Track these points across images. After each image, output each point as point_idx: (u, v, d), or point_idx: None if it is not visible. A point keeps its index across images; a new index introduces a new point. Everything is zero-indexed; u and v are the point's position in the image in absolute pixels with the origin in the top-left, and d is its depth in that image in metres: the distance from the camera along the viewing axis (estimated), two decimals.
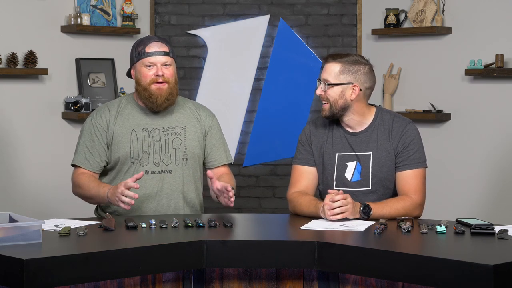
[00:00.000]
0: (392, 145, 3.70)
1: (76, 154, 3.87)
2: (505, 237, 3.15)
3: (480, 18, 5.39)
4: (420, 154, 3.71)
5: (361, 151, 3.71)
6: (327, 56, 3.76)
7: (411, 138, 3.71)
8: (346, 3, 5.80)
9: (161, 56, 3.81)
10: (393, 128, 3.72)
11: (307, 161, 3.80)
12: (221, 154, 3.97)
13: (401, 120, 3.75)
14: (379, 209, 3.55)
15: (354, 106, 3.71)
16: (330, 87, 3.69)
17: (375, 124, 3.74)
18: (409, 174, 3.69)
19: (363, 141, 3.72)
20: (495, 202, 5.33)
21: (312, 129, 3.82)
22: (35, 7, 5.30)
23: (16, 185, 5.25)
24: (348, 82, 3.69)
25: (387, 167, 3.70)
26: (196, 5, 5.81)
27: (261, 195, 5.82)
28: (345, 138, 3.74)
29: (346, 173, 3.72)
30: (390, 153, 3.70)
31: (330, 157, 3.75)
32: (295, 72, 5.81)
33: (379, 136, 3.72)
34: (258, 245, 3.16)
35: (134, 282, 3.06)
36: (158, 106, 3.82)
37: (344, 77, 3.69)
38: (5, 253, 2.81)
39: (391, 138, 3.71)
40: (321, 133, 3.79)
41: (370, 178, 3.70)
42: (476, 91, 5.41)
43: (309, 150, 3.79)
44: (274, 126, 5.81)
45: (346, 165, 3.72)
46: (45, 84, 5.35)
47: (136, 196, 3.55)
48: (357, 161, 3.71)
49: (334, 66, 3.70)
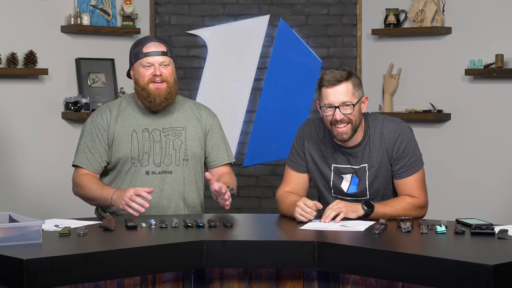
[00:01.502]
0: (387, 154, 3.65)
1: (77, 154, 3.87)
2: (505, 237, 3.15)
3: (480, 18, 5.39)
4: (416, 156, 3.66)
5: (356, 164, 3.67)
6: (332, 81, 3.56)
7: (405, 142, 3.64)
8: (346, 3, 5.80)
9: (158, 56, 3.80)
10: (384, 135, 3.65)
11: (298, 167, 3.78)
12: (222, 154, 3.96)
13: (391, 123, 3.68)
14: (381, 207, 3.54)
15: (362, 120, 3.66)
16: (351, 107, 3.56)
17: (366, 136, 3.66)
18: (410, 180, 3.66)
19: (358, 154, 3.66)
20: (495, 202, 5.33)
21: (306, 133, 3.76)
22: (35, 7, 5.30)
23: (16, 185, 5.25)
24: (361, 96, 3.63)
25: (383, 176, 3.66)
26: (196, 5, 5.81)
27: (261, 195, 5.82)
28: (339, 150, 3.69)
29: (342, 185, 3.69)
30: (386, 163, 3.65)
31: (325, 167, 3.71)
32: (295, 72, 5.81)
33: (372, 147, 3.66)
34: (258, 245, 3.16)
35: (134, 282, 3.06)
36: (156, 105, 3.82)
37: (358, 93, 3.61)
38: (5, 253, 2.81)
39: (385, 146, 3.65)
40: (314, 140, 3.74)
41: (367, 189, 3.67)
42: (476, 91, 5.41)
43: (302, 156, 3.76)
44: (274, 126, 5.81)
45: (342, 177, 3.69)
46: (45, 84, 5.35)
47: (146, 205, 3.55)
48: (353, 174, 3.68)
49: (347, 85, 3.57)
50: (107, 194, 3.68)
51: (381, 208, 3.54)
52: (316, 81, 5.75)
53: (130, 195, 3.56)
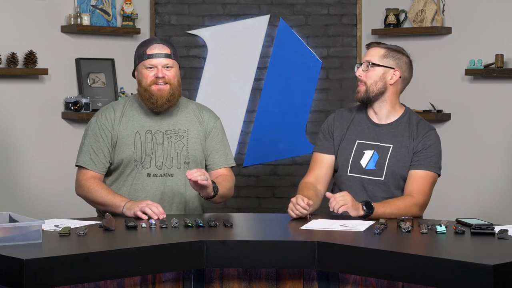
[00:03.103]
0: (413, 143, 3.74)
1: (81, 154, 3.86)
2: (505, 237, 3.15)
3: (480, 18, 5.39)
4: (436, 159, 3.75)
5: (382, 142, 3.76)
6: (371, 42, 3.84)
7: (432, 142, 3.76)
8: (346, 3, 5.80)
9: (162, 58, 3.80)
10: (418, 128, 3.77)
11: (324, 148, 3.84)
12: (220, 158, 3.94)
13: (427, 124, 3.81)
14: (381, 207, 3.55)
15: (389, 93, 3.77)
16: (372, 68, 3.74)
17: (401, 121, 3.79)
18: (420, 174, 3.71)
19: (386, 134, 3.77)
20: (495, 202, 5.33)
21: (337, 116, 3.87)
22: (35, 7, 5.30)
23: (16, 185, 5.25)
24: (390, 66, 3.76)
25: (403, 162, 3.73)
26: (196, 5, 5.81)
27: (261, 195, 5.82)
28: (368, 127, 3.79)
29: (362, 160, 3.76)
30: (410, 150, 3.74)
31: (349, 142, 3.79)
32: (295, 72, 5.82)
33: (403, 132, 3.76)
34: (258, 245, 3.16)
35: (134, 282, 3.06)
36: (158, 107, 3.81)
37: (387, 61, 3.76)
38: (5, 253, 2.81)
39: (413, 136, 3.75)
40: (346, 120, 3.85)
41: (385, 169, 3.72)
42: (476, 91, 5.41)
43: (328, 138, 3.84)
44: (274, 126, 5.81)
45: (364, 152, 3.76)
46: (45, 84, 5.35)
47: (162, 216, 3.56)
48: (375, 151, 3.75)
49: (378, 50, 3.78)
50: (120, 201, 3.68)
51: (381, 208, 3.55)
52: (316, 81, 5.79)
53: (147, 203, 3.60)
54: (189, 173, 3.59)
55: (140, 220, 3.52)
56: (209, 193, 3.70)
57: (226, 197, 3.88)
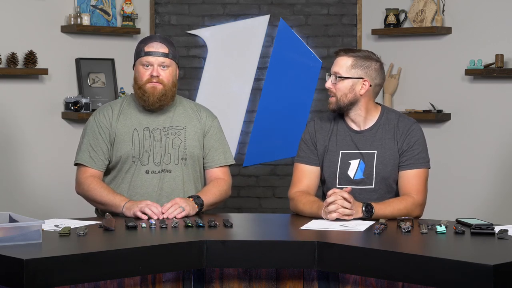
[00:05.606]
0: (397, 144, 3.71)
1: (80, 153, 3.87)
2: (505, 237, 3.15)
3: (480, 18, 5.39)
4: (424, 154, 3.72)
5: (365, 149, 3.71)
6: (339, 50, 3.76)
7: (416, 138, 3.72)
8: (346, 3, 5.80)
9: (158, 57, 3.80)
10: (399, 127, 3.73)
11: (309, 160, 3.79)
12: (219, 156, 3.94)
13: (406, 119, 3.77)
14: (382, 209, 3.54)
15: (362, 102, 3.72)
16: (340, 80, 3.69)
17: (380, 123, 3.74)
18: (412, 173, 3.69)
19: (367, 139, 3.72)
20: (495, 202, 5.33)
21: (317, 126, 3.81)
22: (35, 7, 5.30)
23: (16, 185, 5.25)
24: (359, 77, 3.69)
25: (391, 166, 3.70)
26: (196, 5, 5.81)
27: (261, 195, 5.82)
28: (349, 136, 3.74)
29: (349, 171, 3.72)
30: (395, 152, 3.70)
31: (333, 154, 3.74)
32: (295, 72, 5.81)
33: (384, 135, 3.72)
34: (258, 245, 3.16)
35: (134, 282, 3.06)
36: (149, 104, 3.82)
37: (356, 72, 3.69)
38: (5, 253, 2.81)
39: (396, 137, 3.71)
40: (325, 130, 3.79)
41: (374, 176, 3.70)
42: (476, 91, 5.41)
43: (312, 149, 3.79)
44: (274, 126, 5.81)
45: (349, 162, 3.72)
46: (45, 84, 5.35)
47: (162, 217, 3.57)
48: (360, 159, 3.71)
49: (346, 59, 3.71)
50: (119, 201, 3.69)
51: (382, 210, 3.55)
52: (316, 81, 5.79)
53: (146, 203, 3.60)
54: (165, 213, 3.59)
55: (140, 220, 3.53)
56: (194, 212, 3.70)
57: (218, 202, 3.88)
